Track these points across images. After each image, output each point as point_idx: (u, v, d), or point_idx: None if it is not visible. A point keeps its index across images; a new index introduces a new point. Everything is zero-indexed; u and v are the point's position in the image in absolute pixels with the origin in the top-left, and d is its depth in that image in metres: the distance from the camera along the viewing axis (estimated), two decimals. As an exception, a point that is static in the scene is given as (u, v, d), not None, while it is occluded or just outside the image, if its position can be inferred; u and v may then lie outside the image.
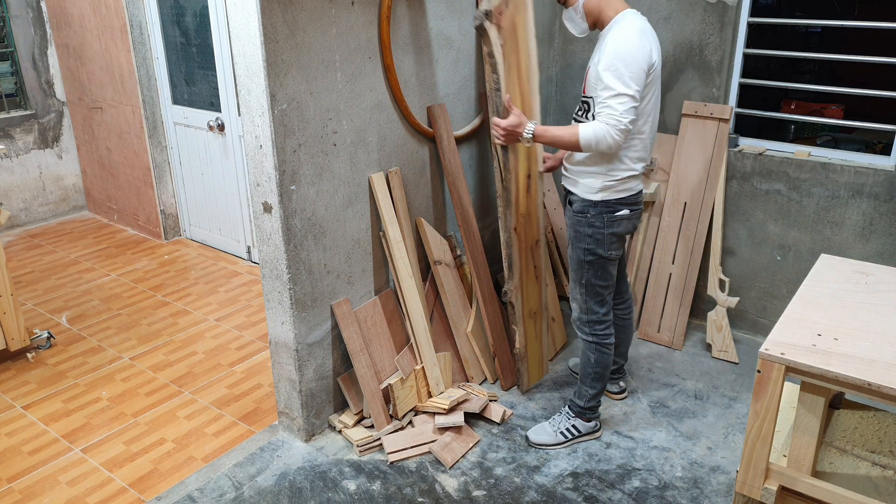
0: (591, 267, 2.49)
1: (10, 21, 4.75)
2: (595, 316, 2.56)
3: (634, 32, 2.22)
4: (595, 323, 2.57)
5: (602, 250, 2.46)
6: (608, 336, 2.59)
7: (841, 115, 4.18)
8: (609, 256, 2.47)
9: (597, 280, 2.51)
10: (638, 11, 2.35)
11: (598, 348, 2.59)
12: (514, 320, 2.78)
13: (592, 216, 2.43)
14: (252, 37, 2.16)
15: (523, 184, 2.64)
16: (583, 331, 2.61)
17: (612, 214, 2.42)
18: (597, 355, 2.60)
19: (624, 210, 2.42)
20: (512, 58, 2.35)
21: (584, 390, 2.66)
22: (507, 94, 2.44)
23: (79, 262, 4.47)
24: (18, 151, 4.93)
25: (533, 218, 2.82)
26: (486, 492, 2.46)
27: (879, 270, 2.02)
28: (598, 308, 2.56)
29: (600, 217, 2.42)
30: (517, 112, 2.41)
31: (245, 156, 3.20)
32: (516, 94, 2.39)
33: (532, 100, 2.50)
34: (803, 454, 1.72)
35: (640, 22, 2.28)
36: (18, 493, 2.48)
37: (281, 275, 2.45)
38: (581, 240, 2.48)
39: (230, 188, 4.35)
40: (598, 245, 2.45)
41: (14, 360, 3.33)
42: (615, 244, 2.47)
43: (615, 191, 2.40)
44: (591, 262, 2.48)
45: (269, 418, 2.88)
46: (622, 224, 2.44)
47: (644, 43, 2.22)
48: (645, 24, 2.30)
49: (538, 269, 2.90)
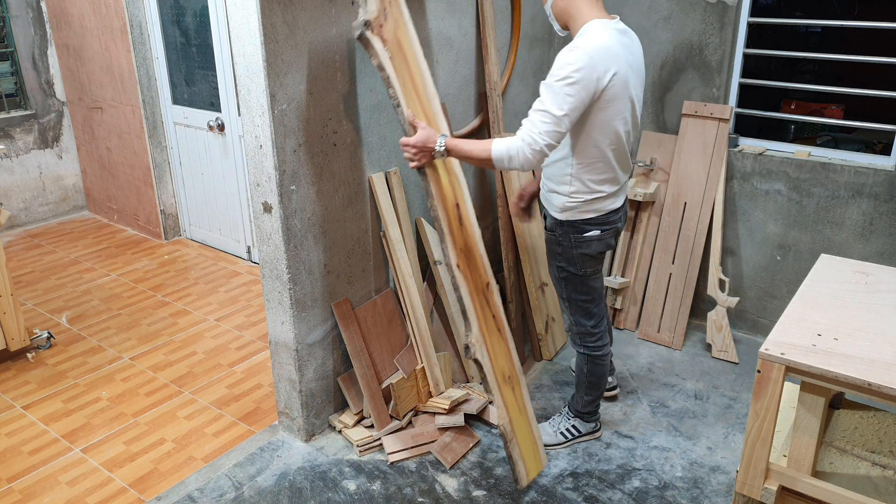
0: (569, 283, 2.42)
1: (10, 21, 4.75)
2: (583, 328, 2.51)
3: (588, 49, 2.01)
4: (585, 335, 2.52)
5: (574, 269, 2.36)
6: (599, 348, 2.54)
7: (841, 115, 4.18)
8: (584, 274, 2.38)
9: (577, 295, 2.44)
10: (614, 20, 2.15)
11: (590, 360, 2.55)
12: (486, 386, 2.28)
13: (560, 235, 2.32)
14: (252, 37, 2.16)
15: (453, 213, 2.29)
16: (574, 341, 2.58)
17: (579, 235, 2.29)
18: (589, 366, 2.57)
19: (593, 231, 2.28)
20: (405, 74, 2.21)
21: (580, 397, 2.65)
22: (408, 109, 2.18)
23: (79, 262, 4.47)
24: (18, 151, 4.93)
25: (475, 255, 2.37)
26: (486, 492, 2.46)
27: (879, 270, 2.02)
28: (585, 321, 2.50)
29: (567, 237, 2.31)
30: (423, 125, 2.14)
31: (245, 156, 3.20)
32: (419, 114, 2.22)
33: (437, 121, 2.32)
34: (803, 454, 1.72)
35: (605, 36, 2.05)
36: (18, 493, 2.48)
37: (281, 275, 2.45)
38: (553, 257, 2.41)
39: (230, 188, 4.35)
40: (569, 263, 2.36)
41: (14, 360, 3.33)
42: (587, 263, 2.35)
43: (580, 211, 2.26)
44: (567, 278, 2.41)
45: (269, 418, 2.88)
46: (592, 245, 2.30)
47: (594, 63, 2.00)
48: (611, 38, 2.06)
49: (498, 320, 2.40)
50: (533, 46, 3.40)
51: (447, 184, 2.30)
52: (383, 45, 2.16)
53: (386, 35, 2.18)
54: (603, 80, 2.03)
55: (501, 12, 3.12)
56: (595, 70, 2.01)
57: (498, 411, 2.29)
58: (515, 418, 2.35)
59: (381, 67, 2.16)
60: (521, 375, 2.47)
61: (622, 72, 2.08)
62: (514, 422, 2.33)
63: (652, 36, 3.31)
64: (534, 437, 2.45)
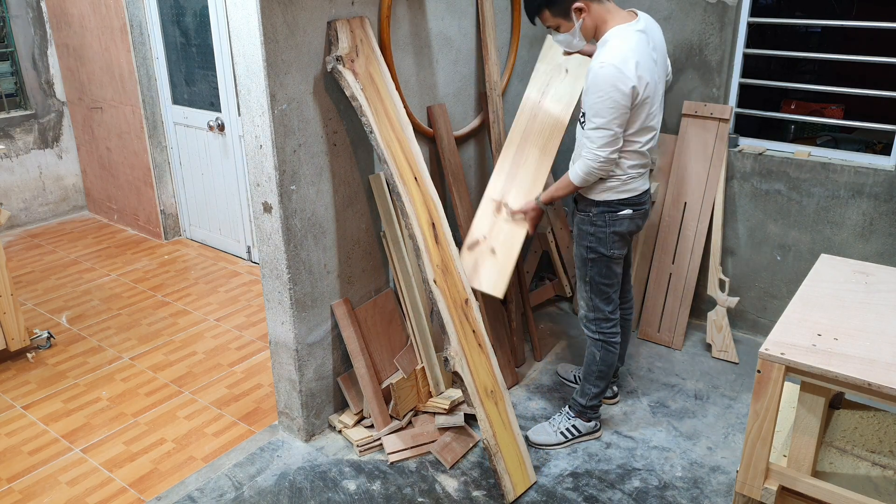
0: (595, 265, 2.51)
1: (10, 21, 4.75)
2: (601, 314, 2.57)
3: (618, 64, 2.16)
4: (601, 321, 2.58)
5: (604, 249, 2.47)
6: (615, 335, 2.60)
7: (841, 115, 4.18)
8: (612, 255, 2.48)
9: (601, 278, 2.52)
10: (638, 19, 2.28)
11: (604, 346, 2.60)
12: (468, 399, 2.38)
13: (595, 215, 2.45)
14: (252, 37, 2.16)
15: (429, 232, 2.47)
16: (589, 328, 2.61)
17: (614, 214, 2.43)
18: (602, 353, 2.60)
19: (626, 210, 2.43)
20: (378, 104, 2.40)
21: (586, 388, 2.66)
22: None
23: (79, 262, 4.47)
24: (18, 151, 4.93)
25: (452, 272, 2.52)
26: (486, 492, 2.46)
27: (879, 270, 2.02)
28: (604, 306, 2.57)
29: (602, 216, 2.44)
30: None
31: (245, 156, 3.20)
32: (393, 140, 2.41)
33: (412, 146, 2.48)
34: (803, 454, 1.72)
35: (632, 42, 2.20)
36: (18, 493, 2.48)
37: (281, 275, 2.45)
38: (584, 238, 2.50)
39: (230, 188, 4.35)
40: (600, 243, 2.46)
41: (14, 360, 3.33)
42: (617, 243, 2.47)
43: (617, 191, 2.40)
44: (594, 259, 2.50)
45: (269, 418, 2.88)
46: (624, 223, 2.45)
47: (625, 71, 2.16)
48: (638, 44, 2.21)
49: (478, 336, 2.52)
50: (533, 46, 3.40)
51: (420, 205, 2.48)
52: (355, 77, 2.36)
53: (358, 69, 2.38)
54: (638, 88, 2.20)
55: (501, 12, 3.12)
56: (628, 80, 2.17)
57: (481, 424, 2.38)
58: (499, 432, 2.44)
59: (353, 98, 2.35)
60: (505, 391, 2.56)
61: (651, 77, 2.25)
62: (497, 436, 2.42)
63: (652, 36, 3.31)
64: (520, 452, 2.50)
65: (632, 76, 2.17)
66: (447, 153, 2.91)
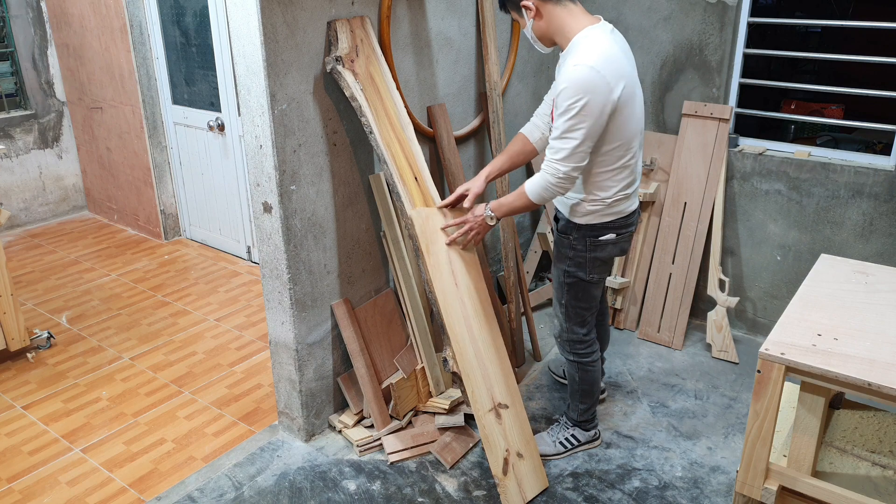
0: (571, 289, 2.37)
1: (10, 21, 4.75)
2: (575, 336, 2.47)
3: (594, 65, 1.98)
4: (576, 343, 2.48)
5: (583, 274, 2.32)
6: (589, 355, 2.50)
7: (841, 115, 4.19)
8: (591, 280, 2.34)
9: (576, 302, 2.39)
10: (601, 23, 2.11)
11: (580, 367, 2.51)
12: (467, 399, 2.35)
13: (575, 239, 2.29)
14: (252, 37, 2.16)
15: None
16: (563, 348, 2.53)
17: (595, 239, 2.26)
18: (580, 374, 2.53)
19: (609, 234, 2.26)
20: (378, 104, 2.38)
21: (575, 405, 2.62)
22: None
23: (79, 262, 4.47)
24: (18, 151, 4.93)
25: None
26: (486, 492, 2.45)
27: (879, 270, 2.02)
28: (578, 329, 2.45)
29: (583, 240, 2.27)
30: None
31: (245, 156, 3.20)
32: (393, 140, 2.38)
33: (412, 146, 2.45)
34: (803, 454, 1.72)
35: (606, 44, 2.03)
36: (18, 493, 2.48)
37: (281, 275, 2.45)
38: (562, 260, 2.35)
39: (230, 188, 4.35)
40: (578, 268, 2.32)
41: (14, 360, 3.33)
42: (598, 268, 2.32)
43: (601, 215, 2.23)
44: (571, 284, 2.36)
45: (269, 418, 2.88)
46: (606, 249, 2.28)
47: (604, 78, 1.98)
48: (611, 45, 2.04)
49: None
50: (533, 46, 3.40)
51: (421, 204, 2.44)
52: (355, 78, 2.35)
53: (358, 69, 2.37)
54: (615, 92, 2.02)
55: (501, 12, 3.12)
56: (606, 85, 1.99)
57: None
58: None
59: (353, 98, 2.35)
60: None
61: (629, 78, 2.07)
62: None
63: (652, 36, 3.32)
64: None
65: (611, 80, 1.99)
66: (447, 153, 2.91)
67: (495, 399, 2.40)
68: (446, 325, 2.33)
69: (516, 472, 2.39)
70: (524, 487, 2.40)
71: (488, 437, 2.33)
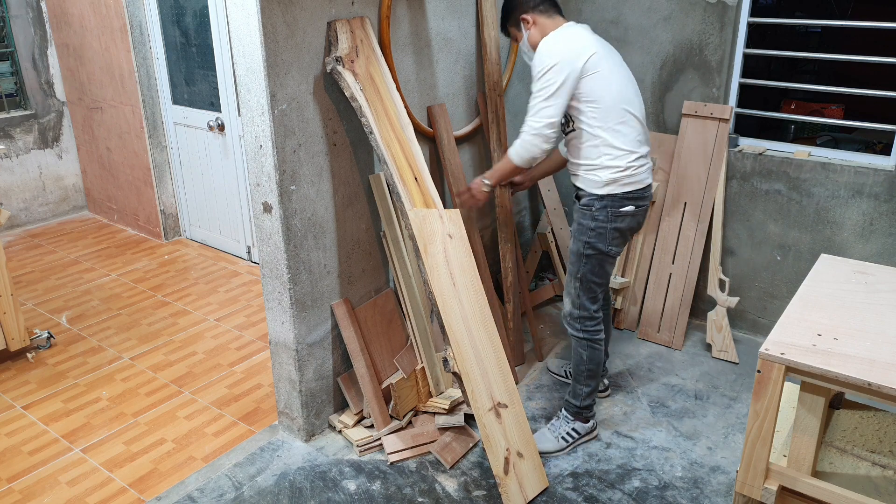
0: (589, 261, 2.50)
1: (10, 21, 4.75)
2: (587, 312, 2.57)
3: (559, 37, 2.34)
4: (586, 319, 2.58)
5: (602, 245, 2.47)
6: (598, 332, 2.60)
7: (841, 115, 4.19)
8: (609, 252, 2.48)
9: (592, 276, 2.52)
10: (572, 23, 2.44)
11: (590, 345, 2.59)
12: (467, 399, 2.36)
13: (597, 209, 2.44)
14: (252, 37, 2.16)
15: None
16: (573, 326, 2.60)
17: (616, 209, 2.43)
18: (588, 352, 2.59)
19: (629, 206, 2.44)
20: (378, 104, 2.40)
21: (578, 389, 2.65)
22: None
23: (79, 262, 4.47)
24: (18, 151, 4.93)
25: None
26: (486, 492, 2.46)
27: (879, 270, 2.02)
28: (590, 304, 2.56)
29: (604, 211, 2.44)
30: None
31: (245, 156, 3.20)
32: (393, 140, 2.43)
33: (412, 146, 2.49)
34: (803, 454, 1.72)
35: (572, 28, 2.39)
36: (18, 493, 2.48)
37: (281, 275, 2.45)
38: (583, 232, 2.49)
39: (230, 188, 4.35)
40: (599, 239, 2.46)
41: (14, 360, 3.33)
42: (617, 239, 2.48)
43: (622, 184, 2.41)
44: (590, 256, 2.49)
45: (269, 418, 2.88)
46: (626, 220, 2.46)
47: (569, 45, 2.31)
48: (578, 29, 2.40)
49: None
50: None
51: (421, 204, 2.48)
52: (355, 78, 2.36)
53: (357, 69, 2.38)
54: (580, 58, 2.29)
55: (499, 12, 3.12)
56: (569, 52, 2.29)
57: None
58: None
59: (353, 98, 2.36)
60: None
61: (598, 48, 2.34)
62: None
63: (652, 36, 3.32)
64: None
65: (572, 45, 2.30)
66: (447, 153, 2.91)
67: (495, 399, 2.40)
68: (445, 325, 2.34)
69: (517, 471, 2.39)
70: (525, 487, 2.40)
71: (489, 436, 2.33)
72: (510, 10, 2.52)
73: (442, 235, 2.44)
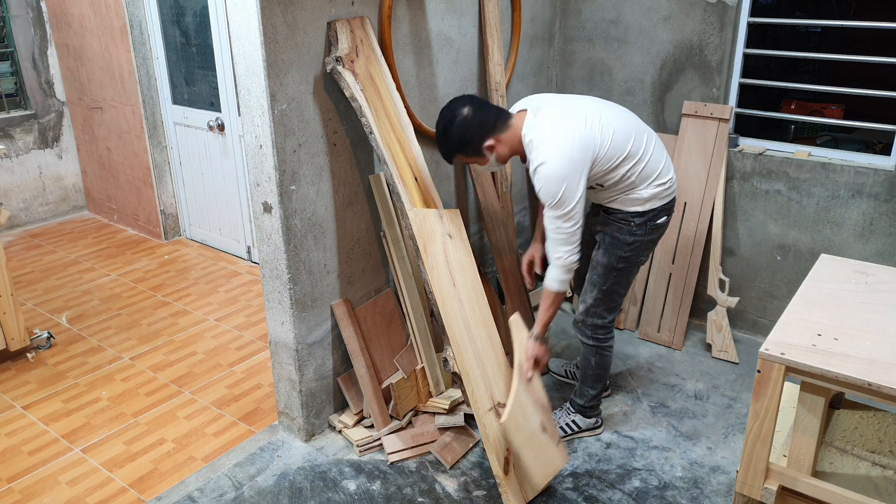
0: (619, 274, 2.48)
1: (10, 21, 4.75)
2: (602, 321, 2.56)
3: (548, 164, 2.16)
4: (599, 328, 2.57)
5: (635, 256, 2.47)
6: (608, 339, 2.59)
7: (841, 115, 4.18)
8: (640, 262, 2.51)
9: (619, 288, 2.51)
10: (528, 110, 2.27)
11: (599, 351, 2.59)
12: (467, 399, 2.35)
13: (636, 225, 2.42)
14: (252, 37, 2.16)
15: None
16: (584, 333, 2.59)
17: (654, 222, 2.44)
18: (597, 358, 2.60)
19: (663, 217, 2.46)
20: (378, 104, 2.40)
21: (584, 390, 2.67)
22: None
23: (79, 262, 4.47)
24: (18, 151, 4.93)
25: None
26: (486, 492, 2.46)
27: (879, 270, 2.02)
28: (608, 314, 2.56)
29: (643, 226, 2.42)
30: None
31: (245, 156, 3.20)
32: (393, 141, 2.41)
33: (412, 147, 2.48)
34: (803, 454, 1.72)
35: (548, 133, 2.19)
36: (18, 493, 2.48)
37: (281, 275, 2.45)
38: (619, 247, 2.45)
39: (230, 188, 4.35)
40: (635, 252, 2.45)
41: (14, 360, 3.33)
42: (649, 250, 2.52)
43: (661, 197, 2.40)
44: (621, 269, 2.48)
45: (269, 418, 2.88)
46: (659, 230, 2.49)
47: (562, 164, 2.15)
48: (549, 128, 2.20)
49: None
50: (533, 46, 3.41)
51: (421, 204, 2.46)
52: (355, 78, 2.36)
53: (358, 69, 2.38)
54: (586, 161, 2.19)
55: (501, 12, 3.12)
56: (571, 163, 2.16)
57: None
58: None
59: (353, 98, 2.35)
60: None
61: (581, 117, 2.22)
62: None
63: (652, 36, 3.32)
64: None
65: (574, 155, 2.16)
66: (447, 153, 2.91)
67: (495, 398, 2.40)
68: (445, 325, 2.34)
69: (517, 471, 2.39)
70: (525, 487, 2.40)
71: (489, 436, 2.33)
72: (465, 144, 2.28)
73: (442, 235, 2.44)
